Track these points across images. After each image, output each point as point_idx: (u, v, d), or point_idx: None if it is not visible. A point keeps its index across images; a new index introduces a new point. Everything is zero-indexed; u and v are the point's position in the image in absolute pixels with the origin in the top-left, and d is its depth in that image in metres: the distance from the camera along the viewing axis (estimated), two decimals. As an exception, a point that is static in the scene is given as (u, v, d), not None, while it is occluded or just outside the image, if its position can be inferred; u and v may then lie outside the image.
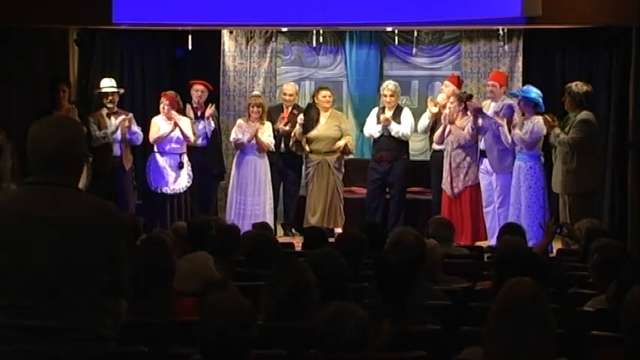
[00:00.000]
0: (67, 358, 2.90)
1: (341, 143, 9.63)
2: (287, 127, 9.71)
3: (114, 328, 3.01)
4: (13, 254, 2.91)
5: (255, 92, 10.32)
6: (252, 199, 9.61)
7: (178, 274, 4.42)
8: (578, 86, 8.51)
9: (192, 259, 4.58)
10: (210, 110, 9.63)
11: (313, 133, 9.69)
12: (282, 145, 9.82)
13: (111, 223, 3.01)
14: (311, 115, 9.73)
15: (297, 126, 9.62)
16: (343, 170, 9.79)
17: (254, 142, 9.56)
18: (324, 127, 9.70)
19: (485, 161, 9.07)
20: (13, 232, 2.91)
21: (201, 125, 9.68)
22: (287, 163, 9.92)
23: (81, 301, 2.91)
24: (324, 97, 9.80)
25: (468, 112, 9.13)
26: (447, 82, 9.61)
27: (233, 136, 9.69)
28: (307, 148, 9.73)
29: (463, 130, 9.11)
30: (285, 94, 9.98)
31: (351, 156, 9.99)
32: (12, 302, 2.91)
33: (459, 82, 9.60)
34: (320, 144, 9.69)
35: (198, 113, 9.71)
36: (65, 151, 2.98)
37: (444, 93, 9.52)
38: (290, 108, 9.89)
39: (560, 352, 3.12)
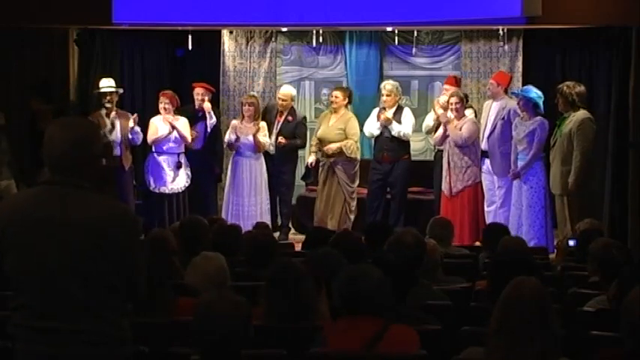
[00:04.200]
0: None
1: (332, 146, 9.45)
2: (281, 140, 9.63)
3: (130, 330, 3.01)
4: (27, 255, 2.90)
5: (252, 93, 10.29)
6: (247, 199, 9.58)
7: (193, 273, 4.39)
8: (569, 87, 8.52)
9: (209, 260, 4.53)
10: (207, 105, 9.58)
11: (318, 135, 9.63)
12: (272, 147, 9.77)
13: (127, 227, 2.98)
14: None
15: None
16: (354, 171, 9.61)
17: (246, 142, 9.52)
18: (329, 129, 9.56)
19: (487, 161, 9.08)
20: (28, 233, 2.91)
21: (200, 126, 9.64)
22: (281, 162, 9.84)
23: (95, 304, 2.91)
24: (331, 96, 9.68)
25: (466, 112, 9.20)
26: (446, 87, 9.61)
27: (226, 137, 9.67)
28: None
29: (460, 130, 9.12)
30: (280, 98, 9.79)
31: (352, 155, 9.91)
32: (27, 303, 2.91)
33: (456, 82, 9.62)
34: (324, 147, 9.60)
35: (199, 114, 9.68)
36: (77, 152, 2.96)
37: (447, 97, 9.54)
38: (285, 113, 9.76)
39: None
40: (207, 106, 9.57)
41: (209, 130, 9.66)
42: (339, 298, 3.66)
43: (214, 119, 9.65)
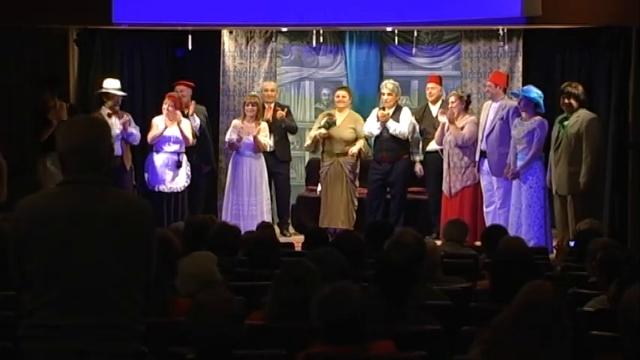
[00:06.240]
0: (101, 356, 2.91)
1: (354, 150, 9.57)
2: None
3: (144, 324, 3.04)
4: (57, 253, 2.91)
5: (253, 92, 10.32)
6: (248, 199, 9.59)
7: (180, 274, 4.41)
8: (574, 87, 8.51)
9: (195, 259, 4.55)
10: (192, 107, 9.60)
11: (329, 133, 9.63)
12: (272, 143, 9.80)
13: (150, 218, 3.07)
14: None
15: (321, 128, 9.57)
16: (357, 171, 9.71)
17: (247, 141, 9.52)
18: (341, 128, 9.62)
19: (486, 162, 9.08)
20: (57, 232, 2.92)
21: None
22: (276, 161, 9.87)
23: (122, 297, 2.94)
24: (338, 96, 9.78)
25: (468, 112, 9.23)
26: (432, 85, 9.75)
27: (227, 137, 9.68)
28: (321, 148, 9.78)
29: (462, 130, 9.14)
30: (266, 90, 10.00)
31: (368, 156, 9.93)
32: (51, 302, 2.90)
33: (440, 81, 9.79)
34: (333, 145, 9.65)
35: (183, 113, 9.66)
36: (95, 148, 3.01)
37: (433, 96, 9.73)
38: (272, 105, 9.86)
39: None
40: (191, 109, 9.56)
41: (196, 132, 9.63)
42: (318, 321, 3.43)
43: (198, 121, 9.65)
